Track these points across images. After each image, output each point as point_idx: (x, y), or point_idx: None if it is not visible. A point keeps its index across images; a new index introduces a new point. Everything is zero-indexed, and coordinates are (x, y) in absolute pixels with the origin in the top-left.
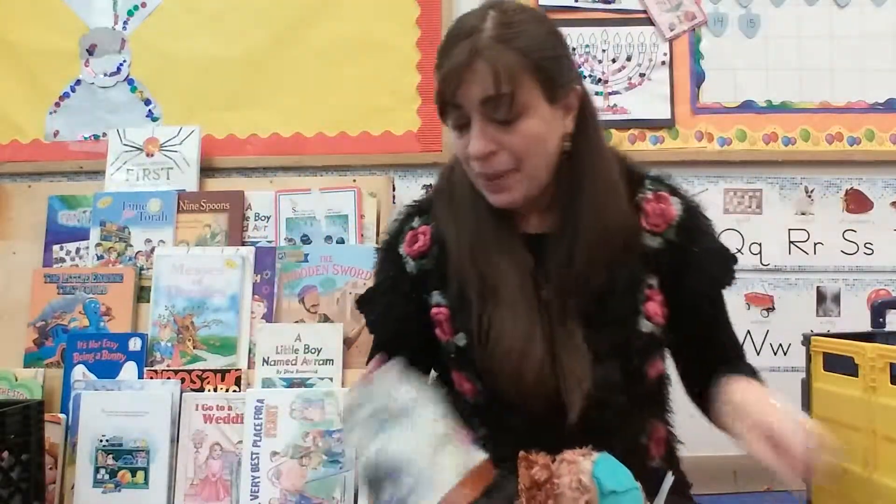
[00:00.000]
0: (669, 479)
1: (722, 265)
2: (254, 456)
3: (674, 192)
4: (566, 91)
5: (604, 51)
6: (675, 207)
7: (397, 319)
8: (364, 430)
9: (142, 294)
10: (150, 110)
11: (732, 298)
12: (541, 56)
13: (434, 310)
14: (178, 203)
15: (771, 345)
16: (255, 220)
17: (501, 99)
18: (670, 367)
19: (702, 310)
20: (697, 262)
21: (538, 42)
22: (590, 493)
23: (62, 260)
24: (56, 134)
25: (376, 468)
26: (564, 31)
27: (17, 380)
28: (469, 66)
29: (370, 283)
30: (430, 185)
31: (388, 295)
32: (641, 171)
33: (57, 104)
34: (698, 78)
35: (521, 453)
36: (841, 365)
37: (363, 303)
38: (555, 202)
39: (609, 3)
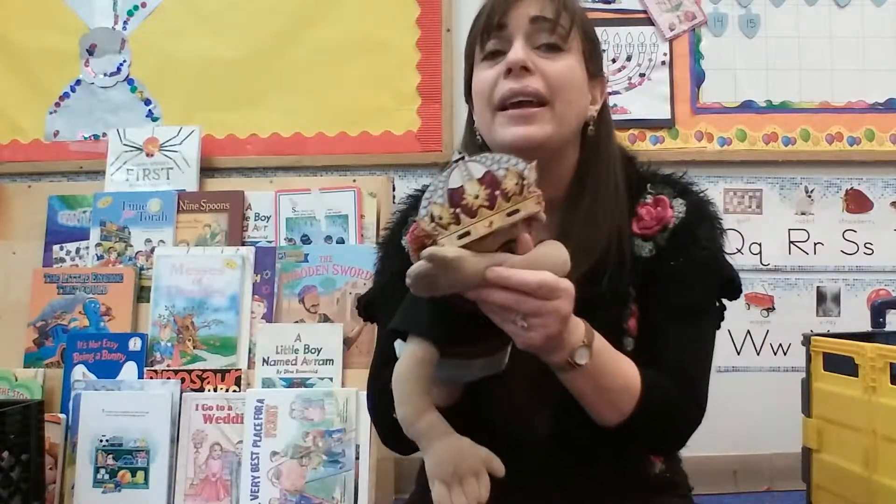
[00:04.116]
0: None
1: (703, 282)
2: (254, 456)
3: (681, 192)
4: (598, 69)
5: (604, 51)
6: (673, 210)
7: None
8: None
9: (142, 294)
10: (150, 110)
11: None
12: (586, 22)
13: None
14: (178, 203)
15: (771, 345)
16: (255, 220)
17: (556, 26)
18: None
19: (664, 328)
20: (676, 273)
21: (585, 15)
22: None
23: (62, 260)
24: (56, 134)
25: None
26: None
27: (17, 380)
28: None
29: (370, 284)
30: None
31: (395, 294)
32: (648, 173)
33: (57, 104)
34: (698, 78)
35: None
36: (841, 365)
37: (369, 308)
38: (560, 204)
39: (609, 3)
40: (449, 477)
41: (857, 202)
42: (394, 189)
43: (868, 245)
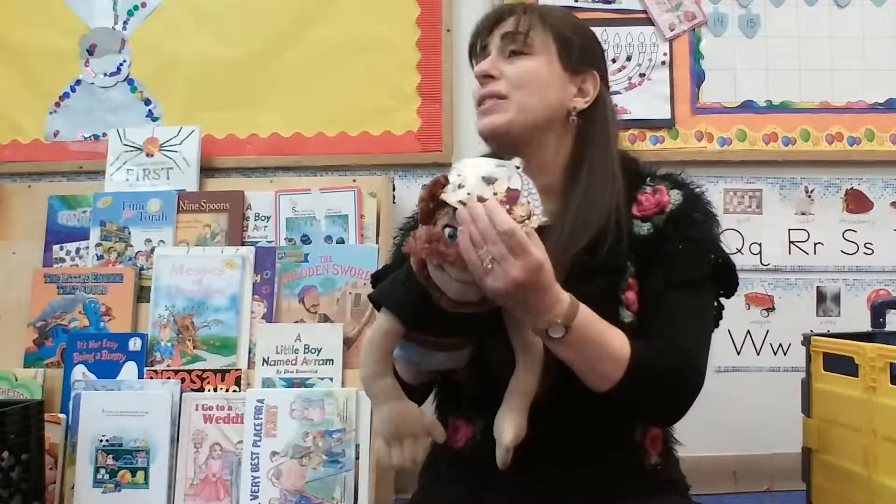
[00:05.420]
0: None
1: (700, 259)
2: (254, 456)
3: (676, 185)
4: (582, 65)
5: (604, 51)
6: (670, 196)
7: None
8: None
9: (142, 294)
10: (150, 110)
11: (732, 298)
12: (562, 27)
13: None
14: (178, 203)
15: (771, 345)
16: (255, 220)
17: (517, 36)
18: None
19: (662, 302)
20: (675, 252)
21: (563, 21)
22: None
23: (62, 260)
24: (56, 134)
25: None
26: None
27: (17, 380)
28: (502, 15)
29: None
30: None
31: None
32: (647, 171)
33: (57, 104)
34: (698, 78)
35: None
36: (841, 365)
37: (375, 281)
38: (558, 189)
39: (609, 3)
40: (390, 435)
41: (857, 202)
42: (394, 189)
43: (868, 245)
